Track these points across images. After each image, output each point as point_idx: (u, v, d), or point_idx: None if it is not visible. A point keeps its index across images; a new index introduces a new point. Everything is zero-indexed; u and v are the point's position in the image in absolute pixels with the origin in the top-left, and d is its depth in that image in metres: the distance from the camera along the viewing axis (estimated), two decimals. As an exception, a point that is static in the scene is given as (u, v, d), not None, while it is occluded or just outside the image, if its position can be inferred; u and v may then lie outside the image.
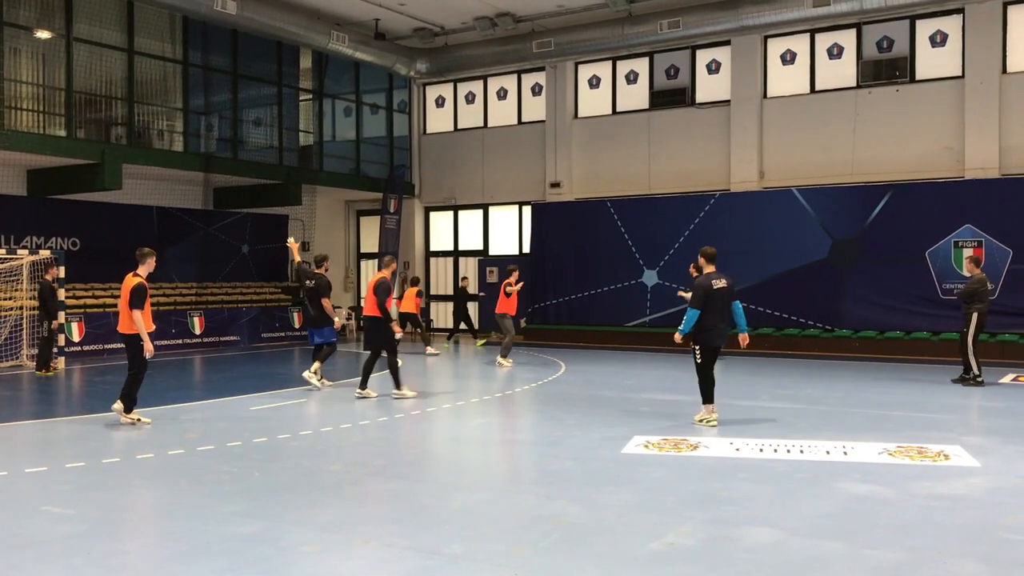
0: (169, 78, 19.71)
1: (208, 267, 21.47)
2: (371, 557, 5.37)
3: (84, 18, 17.62)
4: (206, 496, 6.79)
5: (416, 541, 5.65)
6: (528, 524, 6.09)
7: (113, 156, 17.39)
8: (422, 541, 5.64)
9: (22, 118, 17.11)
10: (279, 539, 5.74)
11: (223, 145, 20.93)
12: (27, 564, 5.23)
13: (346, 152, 23.97)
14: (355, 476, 7.56)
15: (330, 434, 9.52)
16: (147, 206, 20.18)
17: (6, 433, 9.73)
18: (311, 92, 23.06)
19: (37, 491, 7.03)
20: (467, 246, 24.66)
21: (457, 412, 11.20)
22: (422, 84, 24.99)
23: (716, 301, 9.59)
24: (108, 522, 6.16)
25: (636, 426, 9.68)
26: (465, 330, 22.00)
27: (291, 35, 20.30)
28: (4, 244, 17.38)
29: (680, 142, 21.13)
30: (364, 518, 6.21)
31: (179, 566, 5.18)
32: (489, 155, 23.89)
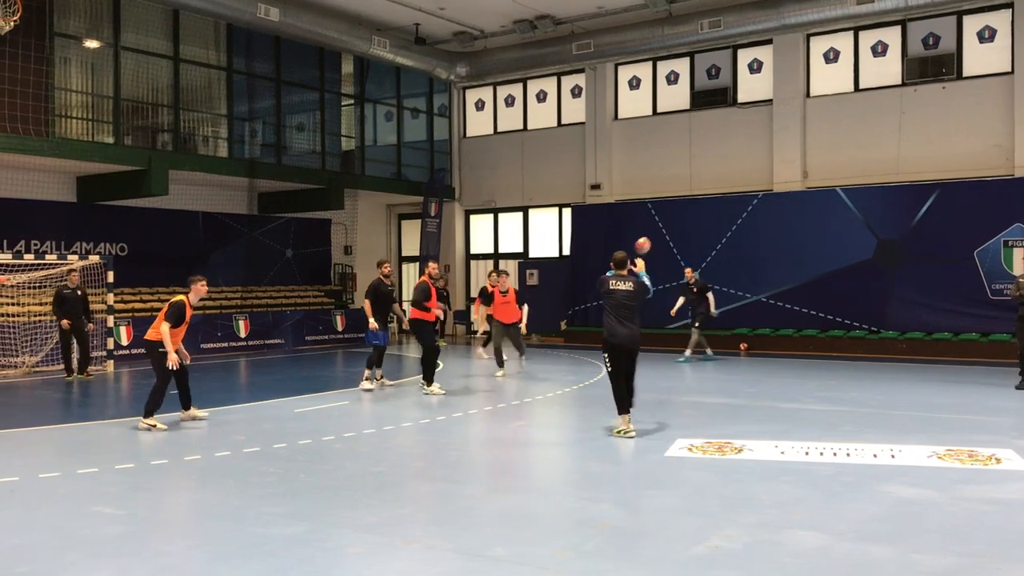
0: (214, 85, 20.03)
1: (253, 271, 21.75)
2: (414, 559, 5.39)
3: (131, 27, 17.97)
4: (252, 497, 6.87)
5: (459, 543, 5.67)
6: (570, 527, 6.09)
7: (160, 163, 17.69)
8: (465, 543, 5.66)
9: (72, 126, 17.49)
10: (323, 541, 5.79)
11: (267, 151, 21.21)
12: (78, 563, 5.33)
13: (387, 156, 24.15)
14: (397, 478, 7.60)
15: (373, 436, 9.59)
16: (193, 211, 20.50)
17: (58, 435, 9.95)
18: (353, 97, 23.27)
19: (88, 491, 7.17)
20: (507, 249, 24.70)
21: (497, 414, 11.22)
22: (462, 88, 25.09)
23: (614, 302, 9.42)
24: (156, 522, 6.26)
25: (679, 429, 9.62)
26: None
27: (333, 41, 20.50)
28: (55, 250, 17.77)
29: (722, 142, 20.97)
30: (407, 520, 6.25)
31: (225, 567, 5.25)
32: (529, 158, 23.91)
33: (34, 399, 12.82)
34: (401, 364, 17.05)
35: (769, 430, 9.56)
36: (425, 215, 23.83)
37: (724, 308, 19.74)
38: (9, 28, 12.70)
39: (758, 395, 12.98)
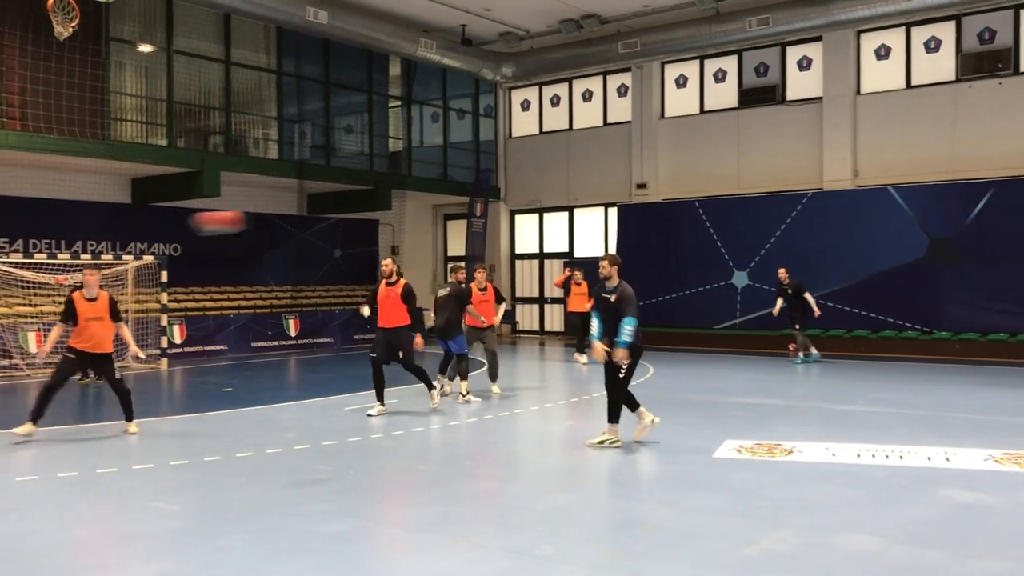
0: (264, 88, 20.32)
1: (302, 271, 22.02)
2: (462, 557, 5.43)
3: (184, 31, 18.30)
4: (302, 494, 6.96)
5: (506, 542, 5.69)
6: (618, 527, 6.08)
7: (212, 164, 17.99)
8: (512, 542, 5.68)
9: (126, 129, 17.87)
10: (372, 538, 5.86)
11: (316, 152, 21.47)
12: (135, 557, 5.45)
13: (434, 157, 24.28)
14: (445, 476, 7.65)
15: (421, 434, 9.66)
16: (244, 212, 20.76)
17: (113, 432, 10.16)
18: (400, 99, 23.44)
19: (144, 487, 7.33)
20: (552, 248, 24.69)
21: (545, 414, 11.23)
22: (508, 88, 25.14)
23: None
24: (210, 518, 6.37)
25: (727, 430, 9.54)
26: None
27: (380, 43, 20.68)
28: (111, 250, 18.16)
29: (770, 140, 20.74)
30: (455, 518, 6.29)
31: (277, 563, 5.33)
32: (574, 157, 23.88)
33: (87, 396, 13.11)
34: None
35: (820, 432, 9.44)
36: (471, 215, 23.91)
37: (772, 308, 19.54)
38: (68, 34, 12.97)
39: (808, 396, 12.83)
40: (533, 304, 24.98)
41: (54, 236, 17.61)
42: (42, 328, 15.43)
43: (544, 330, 24.71)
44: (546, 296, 24.70)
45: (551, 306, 24.54)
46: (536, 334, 24.67)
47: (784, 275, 16.91)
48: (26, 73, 15.67)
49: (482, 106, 25.22)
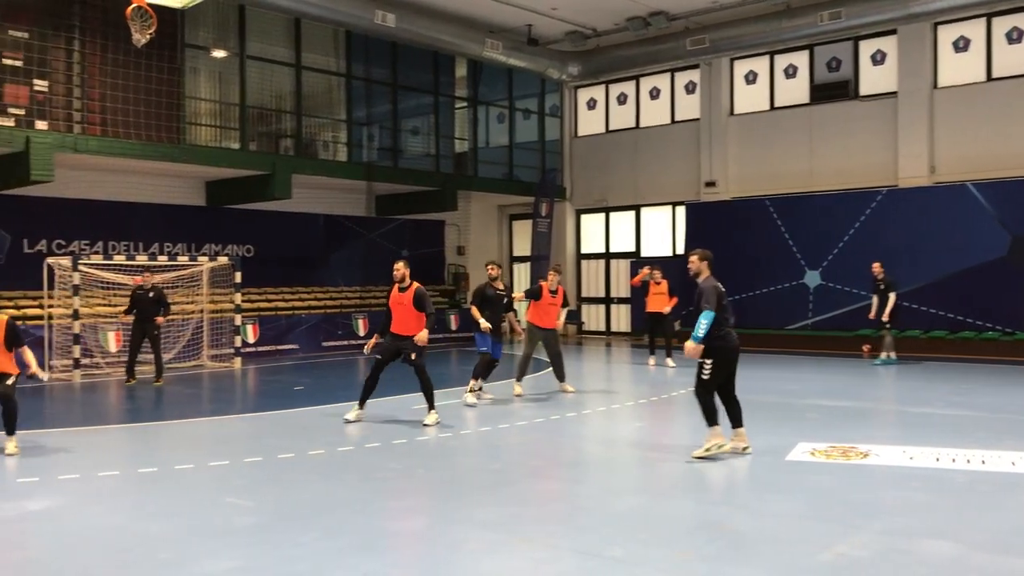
0: (333, 91, 20.64)
1: (370, 271, 22.28)
2: (533, 557, 5.42)
3: (256, 36, 18.68)
4: (373, 491, 7.04)
5: (577, 542, 5.67)
6: (690, 529, 6.01)
7: (283, 167, 18.33)
8: (583, 543, 5.66)
9: (201, 133, 18.33)
10: (443, 536, 5.89)
11: (383, 154, 21.71)
12: (212, 552, 5.57)
13: (499, 157, 24.36)
14: (515, 476, 7.66)
15: (489, 434, 9.69)
16: (315, 214, 21.16)
17: (189, 429, 10.43)
18: (466, 100, 23.57)
19: (219, 483, 7.49)
20: (619, 248, 24.55)
21: (613, 415, 11.17)
22: (574, 87, 25.08)
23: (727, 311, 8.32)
24: (284, 514, 6.48)
25: (801, 432, 9.36)
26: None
27: (447, 45, 20.82)
28: (187, 251, 18.63)
29: (843, 137, 20.30)
30: (525, 518, 6.28)
31: (350, 558, 5.39)
32: (641, 156, 23.71)
33: (165, 394, 13.46)
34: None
35: (897, 435, 9.20)
36: (536, 215, 23.92)
37: (847, 309, 19.13)
38: (145, 41, 13.35)
39: (884, 398, 12.52)
40: (599, 304, 24.87)
41: (132, 238, 18.14)
42: (121, 328, 15.89)
43: (610, 330, 24.58)
44: (612, 296, 24.57)
45: (617, 306, 24.41)
46: (602, 335, 24.56)
47: (879, 270, 16.32)
48: (106, 80, 16.18)
49: (548, 106, 25.20)
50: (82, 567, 5.31)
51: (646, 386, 14.03)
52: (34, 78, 15.43)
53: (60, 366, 15.17)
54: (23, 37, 15.31)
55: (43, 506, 6.69)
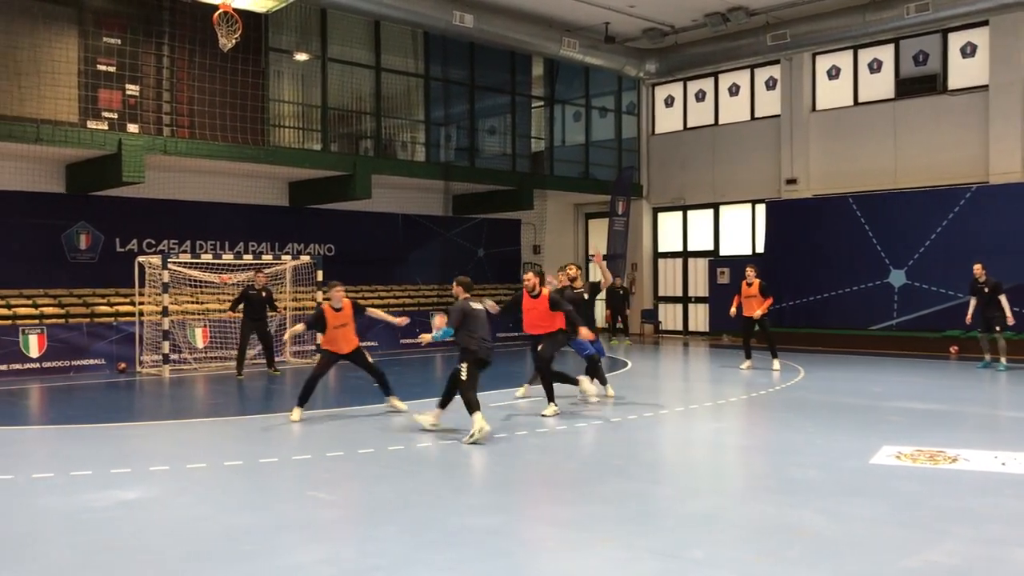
0: (412, 92, 20.90)
1: (448, 270, 22.47)
2: (611, 557, 5.41)
3: (337, 40, 19.04)
4: (451, 488, 7.12)
5: (655, 543, 5.64)
6: (770, 532, 5.91)
7: (363, 168, 18.63)
8: (661, 544, 5.62)
9: (284, 135, 18.76)
10: (520, 533, 5.92)
11: (460, 154, 21.90)
12: (295, 544, 5.71)
13: (575, 156, 24.32)
14: (592, 475, 7.65)
15: (565, 433, 9.69)
16: (393, 213, 21.46)
17: (272, 423, 10.68)
18: (542, 99, 23.61)
19: (302, 477, 7.66)
20: (696, 247, 24.27)
21: (691, 416, 11.06)
22: (651, 85, 24.88)
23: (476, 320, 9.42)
24: (365, 509, 6.60)
25: (885, 435, 9.12)
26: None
27: (524, 44, 20.88)
28: (270, 250, 19.10)
29: (930, 132, 19.70)
30: (602, 517, 6.27)
31: (429, 553, 5.46)
32: (720, 153, 23.40)
33: (251, 389, 13.82)
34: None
35: (987, 439, 8.90)
36: (612, 214, 23.82)
37: (933, 309, 18.58)
38: (231, 45, 13.74)
39: (973, 401, 12.12)
40: (676, 304, 24.63)
41: (219, 238, 18.68)
42: (208, 324, 16.38)
43: (688, 330, 24.32)
44: (690, 296, 24.31)
45: (695, 306, 24.14)
46: (679, 334, 24.32)
47: (980, 271, 15.47)
48: (194, 84, 16.68)
49: (624, 103, 25.07)
50: (170, 556, 5.50)
51: (725, 386, 13.84)
52: (126, 83, 16.00)
53: (150, 361, 15.71)
54: (116, 44, 15.90)
55: (135, 496, 6.94)
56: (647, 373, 15.91)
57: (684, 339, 23.61)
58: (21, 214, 16.15)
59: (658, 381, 15.40)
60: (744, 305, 15.44)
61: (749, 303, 15.34)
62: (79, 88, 15.51)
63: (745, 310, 15.40)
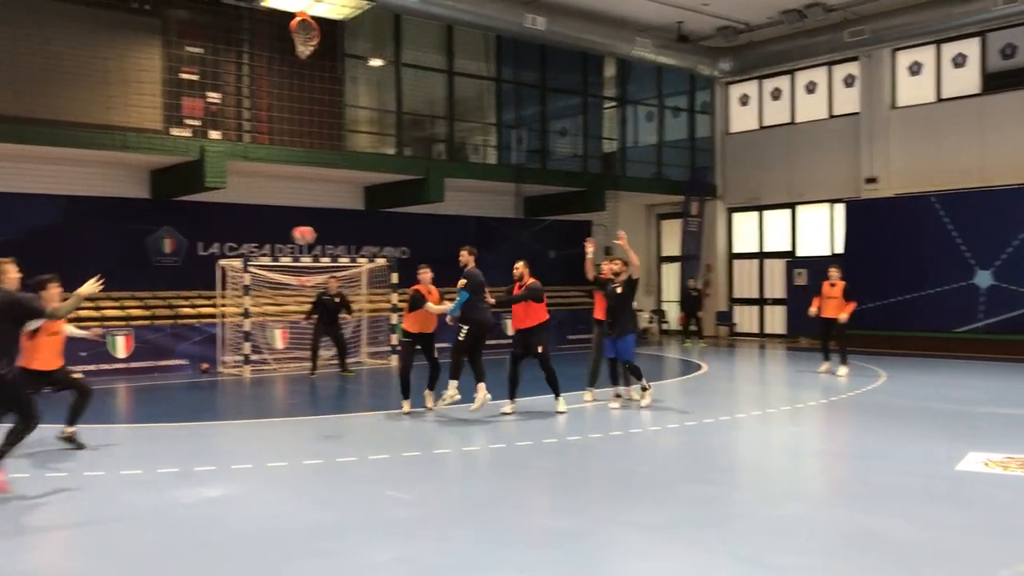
0: (484, 95, 21.02)
1: (519, 272, 22.52)
2: (691, 561, 5.36)
3: (411, 45, 19.26)
4: (528, 489, 7.14)
5: (735, 548, 5.56)
6: (853, 539, 5.78)
7: (437, 171, 18.80)
8: (742, 549, 5.54)
9: (359, 139, 19.06)
10: (598, 535, 5.90)
11: (532, 156, 21.93)
12: (373, 543, 5.79)
13: (648, 157, 24.14)
14: (668, 479, 7.58)
15: (640, 436, 9.63)
16: (466, 216, 21.59)
17: (350, 423, 10.85)
18: (614, 99, 23.49)
19: (380, 476, 7.77)
20: (773, 247, 23.85)
21: (768, 420, 10.88)
22: (725, 83, 24.55)
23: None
24: (441, 508, 6.66)
25: (973, 442, 8.82)
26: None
27: (596, 45, 20.82)
28: (347, 254, 19.40)
29: (1019, 128, 19.00)
30: (680, 521, 6.21)
31: (506, 554, 5.49)
32: (797, 152, 22.96)
33: (328, 389, 14.07)
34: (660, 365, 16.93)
35: (1083, 447, 8.54)
36: (686, 214, 23.56)
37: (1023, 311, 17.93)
38: (309, 52, 14.01)
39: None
40: (752, 306, 24.23)
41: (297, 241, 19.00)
42: (288, 326, 16.72)
43: (764, 332, 23.92)
44: (766, 297, 23.90)
45: (772, 307, 23.72)
46: (755, 337, 23.92)
47: None
48: (272, 91, 17.07)
49: (698, 103, 24.80)
50: (253, 553, 5.63)
51: (803, 390, 13.57)
52: (208, 91, 16.45)
53: (231, 362, 16.11)
54: (199, 53, 16.36)
55: (219, 493, 7.12)
56: (722, 376, 15.70)
57: (760, 342, 23.23)
58: (109, 219, 16.70)
59: (733, 384, 15.18)
60: (824, 306, 15.00)
61: (829, 304, 14.92)
62: (163, 96, 16.00)
63: (824, 311, 14.97)
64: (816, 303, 15.17)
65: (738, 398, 13.48)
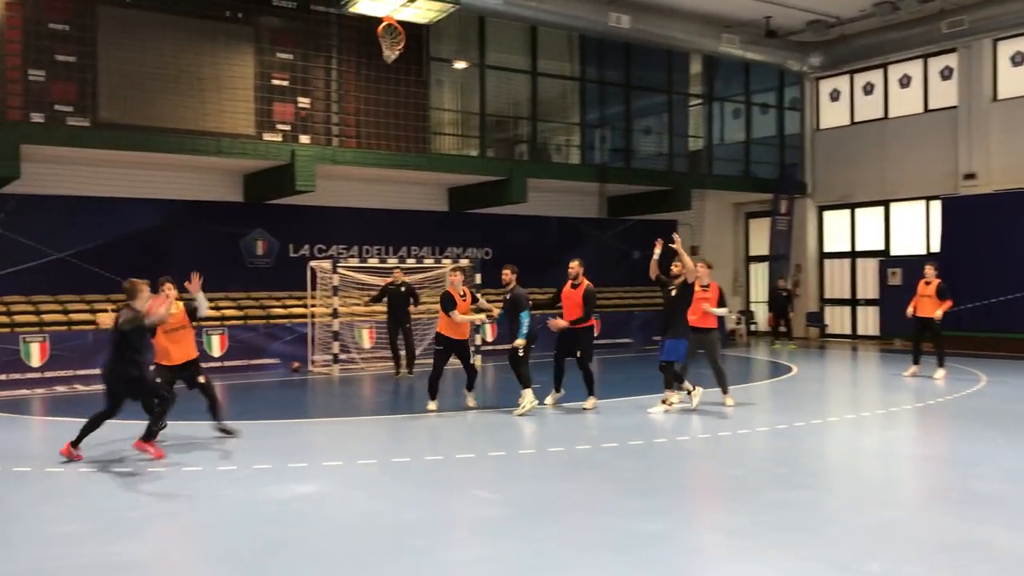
0: (567, 95, 20.99)
1: (603, 273, 22.31)
2: (782, 568, 5.24)
3: (495, 47, 19.36)
4: (613, 491, 7.09)
5: (829, 555, 5.42)
6: (954, 548, 5.58)
7: (519, 172, 18.86)
8: (835, 556, 5.40)
9: (443, 142, 19.25)
10: (686, 539, 5.83)
11: (616, 155, 21.81)
12: (462, 541, 5.84)
13: (735, 154, 23.76)
14: (758, 483, 7.44)
15: (728, 439, 9.47)
16: (548, 216, 21.60)
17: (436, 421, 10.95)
18: (700, 97, 23.19)
19: (466, 475, 7.83)
20: (865, 246, 23.18)
21: (861, 423, 10.57)
22: (815, 79, 23.97)
23: None
24: (528, 509, 6.67)
25: (1082, 448, 8.43)
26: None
27: (681, 42, 20.58)
28: (431, 255, 19.62)
29: None
30: (770, 526, 6.09)
31: (593, 556, 5.46)
32: (890, 148, 22.27)
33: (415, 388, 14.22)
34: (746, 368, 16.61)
35: None
36: (774, 213, 23.09)
37: None
38: (395, 56, 14.23)
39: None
40: (844, 306, 23.60)
41: (383, 242, 19.35)
42: (374, 326, 16.98)
43: (856, 334, 23.26)
44: (858, 298, 23.25)
45: (864, 308, 23.06)
46: (847, 338, 23.29)
47: None
48: (359, 95, 17.36)
49: (787, 99, 24.29)
50: (345, 549, 5.74)
51: (897, 393, 13.14)
52: (298, 96, 16.84)
53: (320, 361, 16.45)
54: (289, 59, 16.76)
55: (312, 490, 7.28)
56: (812, 378, 15.34)
57: (852, 343, 22.61)
58: (204, 222, 17.25)
59: (824, 387, 14.82)
60: (918, 305, 14.46)
61: (923, 303, 14.39)
62: (255, 102, 16.44)
63: (919, 310, 14.44)
64: (913, 303, 14.63)
65: (829, 401, 13.15)
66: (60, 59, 14.66)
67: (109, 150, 14.88)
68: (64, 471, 7.94)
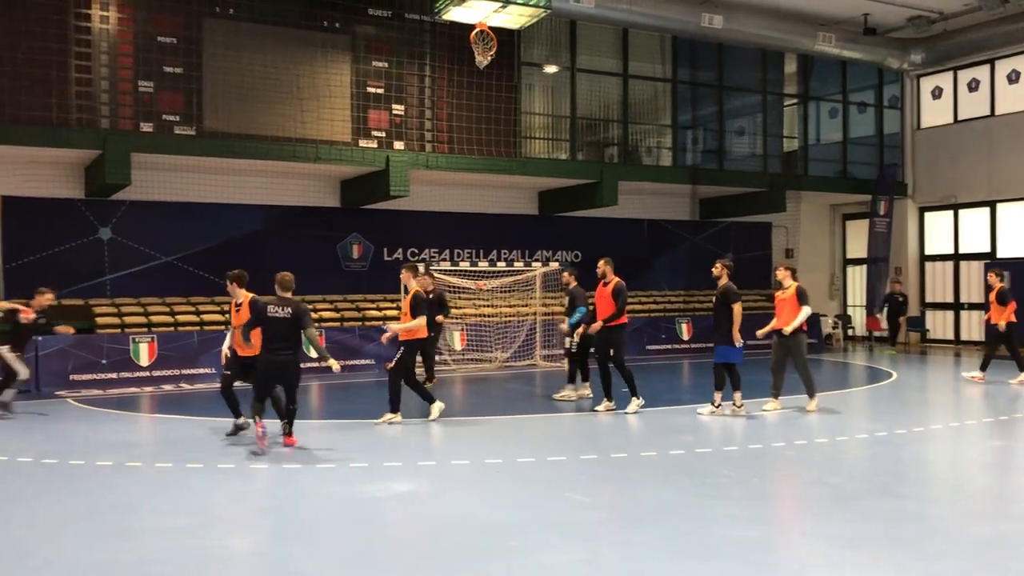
0: (659, 96, 20.85)
1: (695, 276, 22.16)
2: (884, 578, 5.13)
3: (586, 50, 19.37)
4: (709, 497, 7.03)
5: (934, 568, 5.27)
6: (1070, 565, 5.36)
7: (610, 175, 18.82)
8: (939, 569, 5.25)
9: (534, 146, 19.35)
10: (786, 548, 5.75)
11: (708, 157, 21.55)
12: (556, 543, 5.87)
13: (832, 155, 23.20)
14: (858, 491, 7.26)
15: (825, 446, 9.27)
16: (639, 219, 21.48)
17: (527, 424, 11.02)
18: (795, 96, 22.73)
19: (558, 478, 7.85)
20: (970, 248, 22.33)
21: (965, 432, 10.22)
22: (916, 76, 23.23)
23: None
24: (622, 513, 6.67)
25: None
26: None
27: (775, 41, 20.19)
28: (521, 258, 19.76)
29: None
30: (873, 536, 5.94)
31: (689, 563, 5.43)
32: (996, 146, 21.41)
33: (506, 391, 14.35)
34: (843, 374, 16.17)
35: None
36: (873, 214, 22.45)
37: None
38: (487, 62, 14.39)
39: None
40: (947, 311, 22.79)
41: (474, 246, 19.56)
42: (465, 328, 17.18)
43: (959, 339, 22.43)
44: (962, 302, 22.42)
45: (968, 312, 22.23)
46: (950, 343, 22.48)
47: None
48: (452, 101, 17.61)
49: (886, 97, 23.60)
50: (443, 548, 5.84)
51: (1004, 401, 12.63)
52: (392, 103, 17.18)
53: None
54: (384, 67, 17.11)
55: (407, 488, 7.43)
56: (914, 385, 14.88)
57: (955, 349, 21.81)
58: (302, 227, 17.75)
59: (926, 394, 14.35)
60: (991, 314, 14.59)
61: (992, 310, 14.47)
62: (351, 110, 16.84)
63: (992, 317, 14.53)
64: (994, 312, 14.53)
65: (931, 408, 12.73)
66: (168, 71, 15.32)
67: (213, 158, 15.47)
68: (172, 467, 8.28)
